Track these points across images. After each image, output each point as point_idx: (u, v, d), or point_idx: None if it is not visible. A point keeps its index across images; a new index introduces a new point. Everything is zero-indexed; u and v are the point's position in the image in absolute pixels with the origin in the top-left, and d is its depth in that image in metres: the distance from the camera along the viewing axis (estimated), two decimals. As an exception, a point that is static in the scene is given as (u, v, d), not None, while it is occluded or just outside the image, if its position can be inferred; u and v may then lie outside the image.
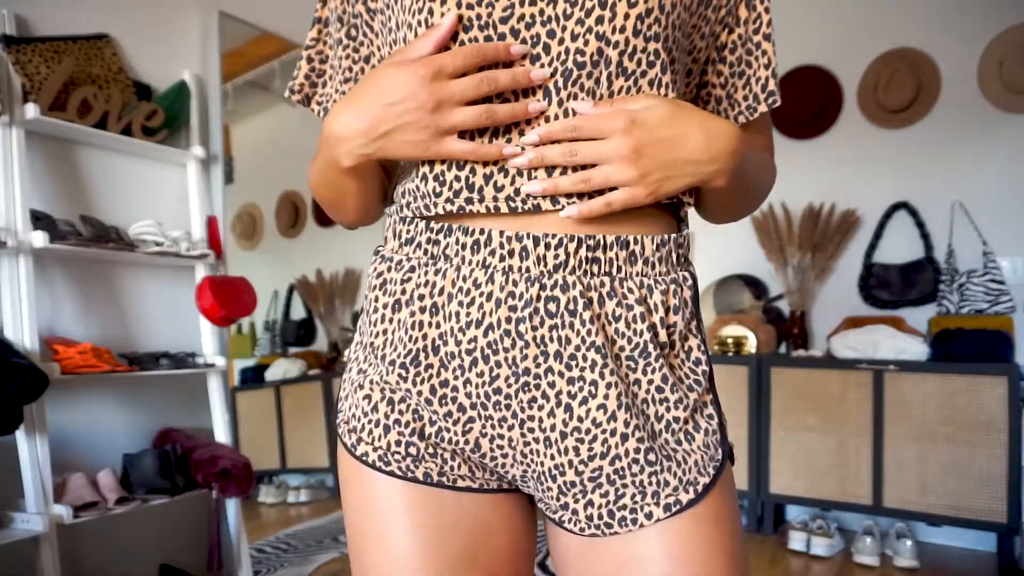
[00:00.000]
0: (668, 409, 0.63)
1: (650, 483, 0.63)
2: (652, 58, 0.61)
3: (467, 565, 0.66)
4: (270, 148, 2.86)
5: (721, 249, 3.36)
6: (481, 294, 0.62)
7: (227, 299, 2.08)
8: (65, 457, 1.85)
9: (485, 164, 0.62)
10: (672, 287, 0.64)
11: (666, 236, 0.64)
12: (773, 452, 2.88)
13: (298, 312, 3.06)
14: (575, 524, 0.65)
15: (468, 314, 0.62)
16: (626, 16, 0.60)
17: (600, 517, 0.64)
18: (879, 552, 2.62)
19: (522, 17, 0.60)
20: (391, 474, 0.66)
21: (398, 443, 0.66)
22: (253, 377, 2.91)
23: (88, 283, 1.98)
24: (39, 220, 1.77)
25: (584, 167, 0.60)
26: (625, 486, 0.63)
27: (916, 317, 2.96)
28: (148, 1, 2.17)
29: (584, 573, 0.66)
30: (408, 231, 0.67)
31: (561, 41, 0.60)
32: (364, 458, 0.67)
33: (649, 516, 0.63)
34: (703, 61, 0.71)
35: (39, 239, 1.70)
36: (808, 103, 3.21)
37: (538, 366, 0.61)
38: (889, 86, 3.02)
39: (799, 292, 3.20)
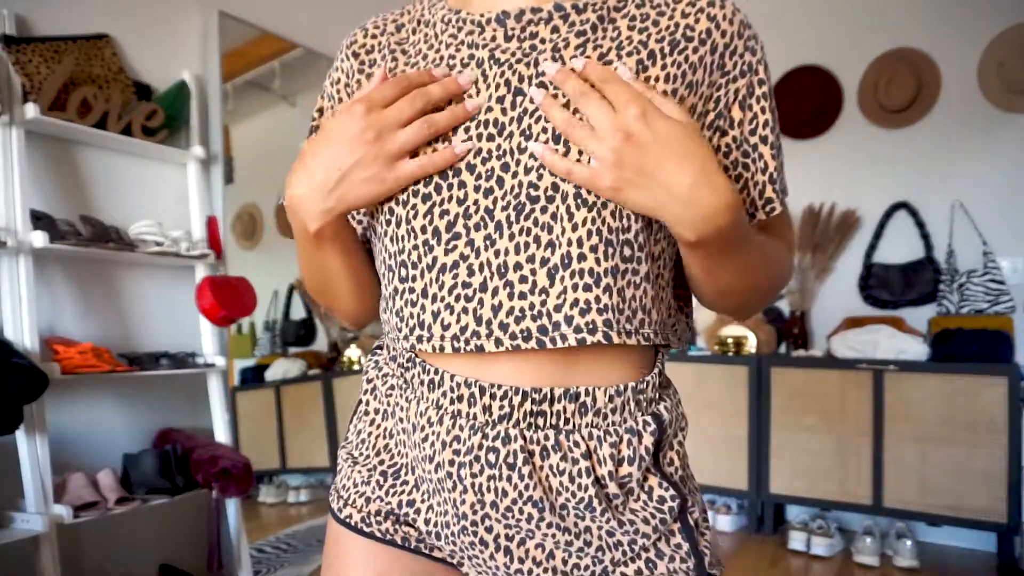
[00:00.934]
0: (624, 552, 0.62)
1: None
2: None
3: None
4: (270, 148, 2.86)
5: (721, 249, 3.36)
6: (433, 432, 0.62)
7: (227, 299, 2.08)
8: (65, 457, 1.85)
9: (433, 300, 0.60)
10: (626, 437, 0.60)
11: (622, 386, 0.60)
12: (773, 452, 2.88)
13: (298, 312, 3.05)
14: None
15: (423, 448, 0.63)
16: (580, 151, 0.57)
17: None
18: (879, 552, 2.62)
19: (479, 152, 0.60)
20: (371, 535, 0.66)
21: (378, 512, 0.67)
22: (253, 377, 2.91)
23: (88, 283, 1.97)
24: (39, 220, 1.76)
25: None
26: None
27: (916, 317, 2.96)
28: (148, 1, 2.17)
29: None
30: (394, 348, 0.68)
31: (515, 175, 0.59)
32: (348, 520, 0.67)
33: None
34: None
35: (39, 239, 1.70)
36: (808, 103, 3.21)
37: (475, 512, 0.61)
38: (889, 86, 3.02)
39: (799, 292, 3.20)
